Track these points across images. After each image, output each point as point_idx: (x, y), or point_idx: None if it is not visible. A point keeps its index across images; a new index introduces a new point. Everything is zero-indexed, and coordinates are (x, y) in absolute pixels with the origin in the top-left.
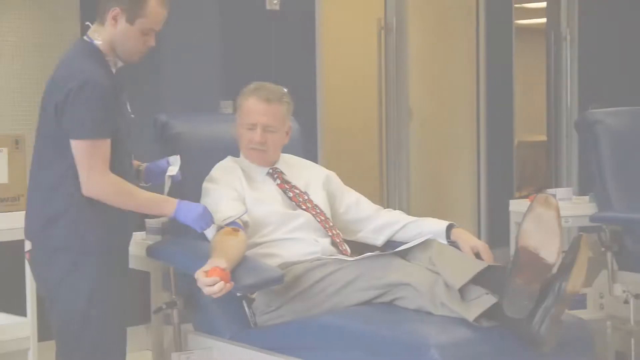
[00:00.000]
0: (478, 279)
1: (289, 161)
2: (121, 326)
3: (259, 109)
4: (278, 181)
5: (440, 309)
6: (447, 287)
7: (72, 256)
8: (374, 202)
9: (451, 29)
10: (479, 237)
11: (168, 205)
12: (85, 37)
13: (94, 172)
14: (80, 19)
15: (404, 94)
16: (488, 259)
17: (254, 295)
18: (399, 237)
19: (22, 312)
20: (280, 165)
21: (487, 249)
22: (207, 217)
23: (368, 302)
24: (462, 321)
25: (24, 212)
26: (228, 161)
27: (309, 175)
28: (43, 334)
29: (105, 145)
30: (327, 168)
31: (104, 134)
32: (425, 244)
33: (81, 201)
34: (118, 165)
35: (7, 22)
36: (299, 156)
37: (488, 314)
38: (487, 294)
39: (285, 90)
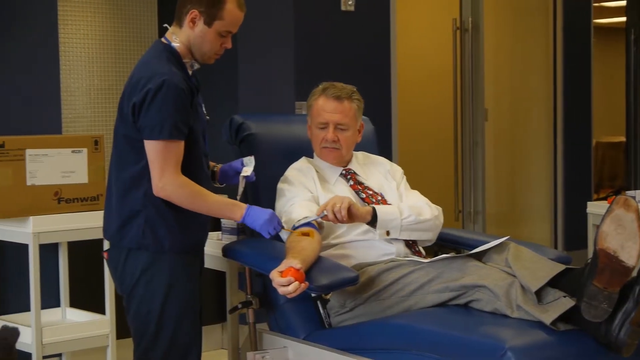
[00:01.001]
0: (555, 282)
1: (362, 160)
2: (196, 325)
3: (329, 107)
4: (351, 182)
5: (517, 311)
6: (524, 290)
7: (148, 255)
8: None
9: (528, 28)
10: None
11: (237, 210)
12: (162, 39)
13: (165, 173)
14: (158, 21)
15: (480, 94)
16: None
17: (328, 296)
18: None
19: (101, 310)
20: (353, 165)
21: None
22: (275, 223)
23: (443, 304)
24: (539, 324)
25: (102, 212)
26: (302, 162)
27: (383, 176)
28: (121, 332)
29: (179, 147)
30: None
31: (178, 135)
32: (501, 246)
33: (157, 201)
34: (194, 166)
35: (85, 24)
36: None
37: (565, 317)
38: (564, 297)
39: (355, 88)
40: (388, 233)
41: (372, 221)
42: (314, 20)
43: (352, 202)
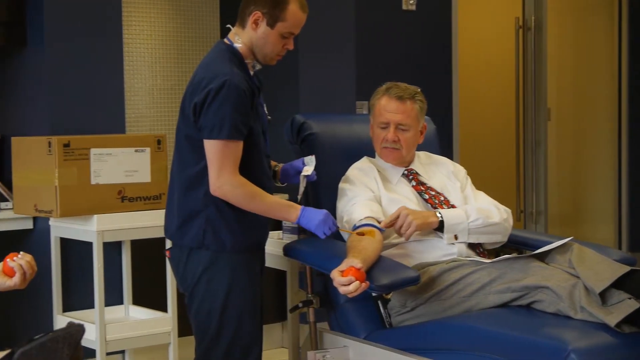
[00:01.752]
0: (620, 283)
1: (424, 160)
2: (258, 323)
3: (391, 107)
4: (413, 183)
5: (580, 313)
6: (587, 291)
7: (209, 255)
8: (510, 203)
9: (592, 25)
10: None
11: (292, 211)
12: (225, 40)
13: (223, 173)
14: (220, 21)
15: (543, 93)
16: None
17: (389, 296)
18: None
19: (163, 308)
20: (415, 166)
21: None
22: (330, 223)
23: (505, 305)
24: (603, 326)
25: (164, 211)
26: (364, 162)
27: (446, 177)
28: (183, 330)
29: (237, 147)
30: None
31: (237, 136)
32: (565, 247)
33: (218, 200)
34: (255, 166)
35: (148, 25)
36: None
37: (630, 319)
38: (629, 298)
39: (419, 89)
40: (456, 237)
41: (439, 227)
42: (375, 19)
43: (418, 223)
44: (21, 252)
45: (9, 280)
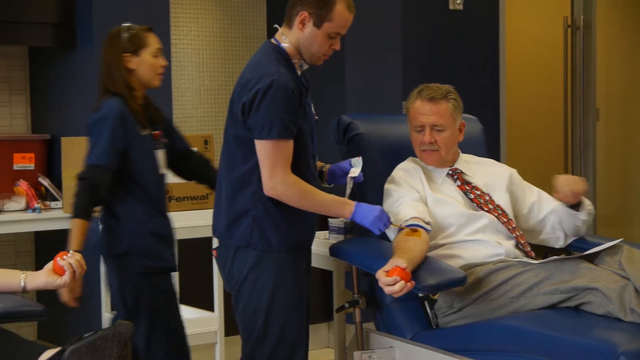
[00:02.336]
0: None
1: (469, 161)
2: (304, 323)
3: (424, 109)
4: (458, 182)
5: (630, 315)
6: (638, 293)
7: (256, 254)
8: None
9: None
10: None
11: (346, 208)
12: (272, 40)
13: (276, 173)
14: (267, 22)
15: (591, 94)
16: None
17: (436, 296)
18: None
19: (210, 308)
20: (460, 165)
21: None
22: (384, 219)
23: (553, 307)
24: None
25: (211, 210)
26: (409, 162)
27: (491, 176)
28: (230, 329)
29: (288, 146)
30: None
31: (287, 135)
32: (614, 248)
33: (266, 200)
34: (302, 166)
35: (195, 26)
36: (482, 156)
37: None
38: None
39: (452, 87)
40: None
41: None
42: (422, 19)
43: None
44: (71, 251)
45: (58, 279)
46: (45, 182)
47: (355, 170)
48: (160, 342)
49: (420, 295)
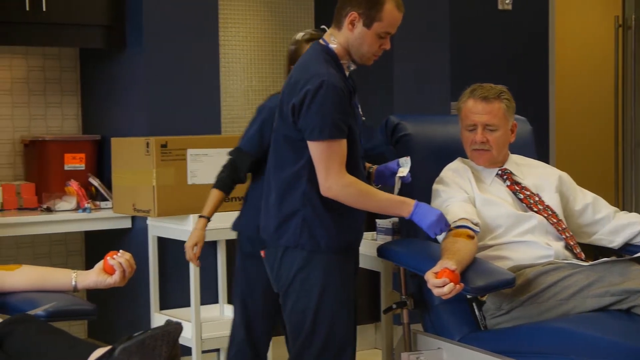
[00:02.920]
0: None
1: (519, 161)
2: (351, 324)
3: (477, 109)
4: (508, 182)
5: None
6: None
7: (304, 254)
8: None
9: None
10: None
11: (405, 206)
12: (320, 40)
13: (330, 173)
14: (315, 23)
15: None
16: None
17: (484, 298)
18: (637, 241)
19: None
20: (509, 166)
21: None
22: (442, 224)
23: (603, 309)
24: None
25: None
26: (458, 162)
27: (541, 176)
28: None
29: (341, 145)
30: (559, 170)
31: (339, 134)
32: None
33: (315, 201)
34: (351, 167)
35: (243, 27)
36: (531, 157)
37: None
38: None
39: (505, 88)
40: None
41: None
42: (470, 19)
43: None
44: (121, 251)
45: (109, 278)
46: (95, 182)
47: (404, 170)
48: None
49: (468, 296)
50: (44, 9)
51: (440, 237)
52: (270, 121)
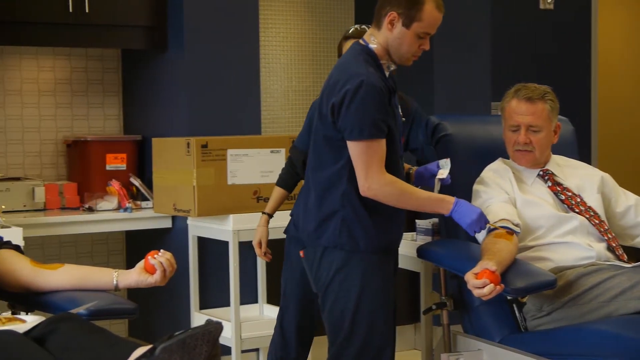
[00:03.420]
0: None
1: (561, 162)
2: (391, 324)
3: (520, 109)
4: (549, 183)
5: None
6: None
7: (343, 255)
8: None
9: None
10: None
11: (445, 204)
12: (360, 40)
13: (370, 173)
14: (355, 23)
15: None
16: None
17: (525, 299)
18: None
19: None
20: (551, 167)
21: None
22: (482, 222)
23: None
24: None
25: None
26: (498, 163)
27: (582, 177)
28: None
29: (380, 145)
30: (601, 171)
31: (378, 134)
32: None
33: (354, 201)
34: (390, 167)
35: (284, 27)
36: (573, 158)
37: None
38: None
39: (550, 88)
40: None
41: None
42: (512, 19)
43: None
44: (161, 250)
45: (150, 277)
46: (136, 182)
47: (444, 172)
48: None
49: (509, 298)
50: (87, 11)
51: (480, 238)
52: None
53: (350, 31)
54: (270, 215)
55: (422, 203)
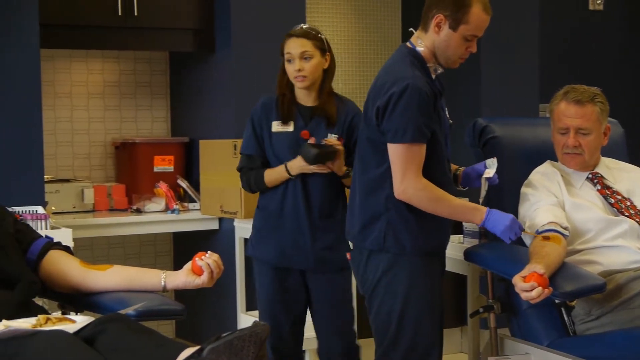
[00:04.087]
0: None
1: (610, 165)
2: (437, 327)
3: (570, 112)
4: (598, 186)
5: None
6: None
7: (389, 257)
8: None
9: None
10: None
11: (477, 214)
12: (407, 43)
13: (407, 176)
14: (402, 25)
15: None
16: None
17: (573, 303)
18: None
19: None
20: (600, 170)
21: None
22: (515, 228)
23: None
24: None
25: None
26: (547, 166)
27: (633, 181)
28: (363, 331)
29: (421, 150)
30: None
31: (420, 139)
32: None
33: (399, 204)
34: (436, 170)
35: (330, 29)
36: (623, 161)
37: None
38: None
39: (599, 90)
40: None
41: None
42: (560, 20)
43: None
44: (209, 252)
45: (197, 279)
46: (183, 184)
47: (490, 171)
48: None
49: (557, 301)
50: (136, 14)
51: (527, 241)
52: None
53: (296, 29)
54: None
55: (455, 210)
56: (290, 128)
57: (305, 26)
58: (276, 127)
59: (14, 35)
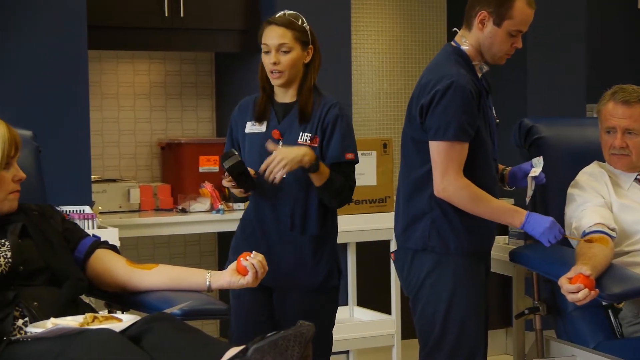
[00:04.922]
0: None
1: None
2: (482, 328)
3: (617, 112)
4: None
5: None
6: None
7: (433, 258)
8: None
9: None
10: None
11: (517, 217)
12: (452, 42)
13: (447, 175)
14: (447, 25)
15: None
16: None
17: (621, 305)
18: None
19: (387, 310)
20: None
21: None
22: (555, 231)
23: None
24: None
25: (390, 213)
26: (594, 166)
27: None
28: (407, 332)
29: (463, 149)
30: None
31: (463, 137)
32: None
33: (443, 203)
34: (482, 169)
35: (375, 30)
36: None
37: None
38: None
39: None
40: None
41: None
42: (608, 19)
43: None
44: (253, 252)
45: (242, 279)
46: None
47: (536, 170)
48: None
49: (604, 303)
50: (182, 15)
51: (574, 242)
52: None
53: (277, 16)
54: None
55: (495, 211)
56: (263, 128)
57: (289, 12)
58: (249, 127)
59: (63, 37)
